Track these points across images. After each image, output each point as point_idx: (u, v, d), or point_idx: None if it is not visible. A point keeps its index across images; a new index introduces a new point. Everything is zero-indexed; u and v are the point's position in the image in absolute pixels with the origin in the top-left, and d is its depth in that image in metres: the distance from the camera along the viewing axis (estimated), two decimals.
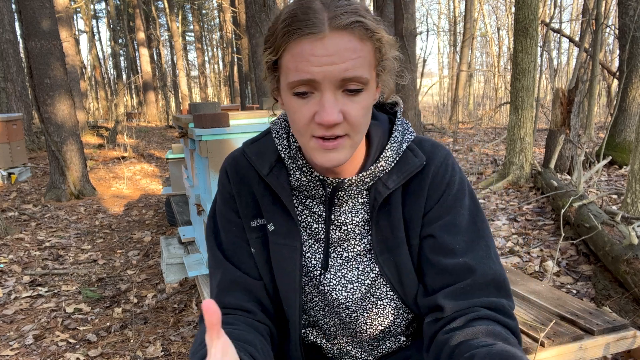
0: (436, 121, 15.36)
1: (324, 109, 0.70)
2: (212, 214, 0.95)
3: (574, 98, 5.05)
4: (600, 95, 13.23)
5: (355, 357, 0.96)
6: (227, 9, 15.48)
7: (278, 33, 0.71)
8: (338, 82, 0.70)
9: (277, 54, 0.72)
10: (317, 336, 0.98)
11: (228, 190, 0.91)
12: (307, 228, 0.89)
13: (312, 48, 0.68)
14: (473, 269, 0.80)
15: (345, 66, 0.69)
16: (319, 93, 0.71)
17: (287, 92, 0.74)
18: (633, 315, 2.19)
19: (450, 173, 0.85)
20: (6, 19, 8.71)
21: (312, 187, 0.86)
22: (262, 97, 5.91)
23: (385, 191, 0.83)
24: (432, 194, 0.84)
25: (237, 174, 0.90)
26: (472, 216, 0.84)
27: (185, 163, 3.36)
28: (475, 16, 17.89)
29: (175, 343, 2.34)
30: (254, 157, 0.88)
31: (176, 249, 3.15)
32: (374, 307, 0.89)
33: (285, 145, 0.87)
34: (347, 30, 0.69)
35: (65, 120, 5.65)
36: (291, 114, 0.75)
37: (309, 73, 0.69)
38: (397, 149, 0.84)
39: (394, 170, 0.84)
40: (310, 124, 0.73)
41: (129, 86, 25.16)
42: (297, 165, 0.85)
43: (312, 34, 0.68)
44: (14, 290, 3.08)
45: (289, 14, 0.71)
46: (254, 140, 0.92)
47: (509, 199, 4.61)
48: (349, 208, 0.87)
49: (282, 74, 0.74)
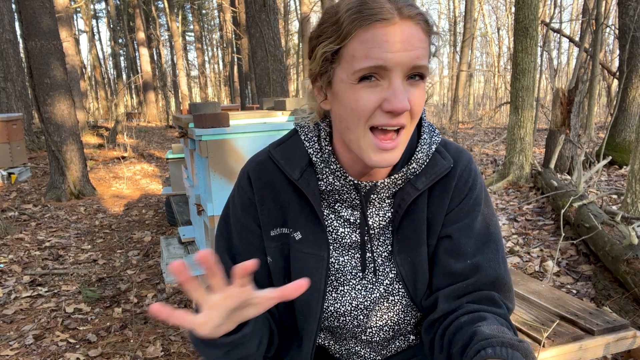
0: (436, 121, 15.35)
1: (396, 95, 0.70)
2: (225, 217, 0.93)
3: (574, 98, 5.05)
4: (600, 95, 13.23)
5: (364, 357, 0.96)
6: (227, 9, 15.48)
7: (344, 21, 0.70)
8: (408, 69, 0.70)
9: (343, 41, 0.71)
10: (325, 338, 0.97)
11: (249, 197, 0.88)
12: (333, 233, 0.88)
13: (384, 33, 0.68)
14: (478, 269, 0.82)
15: (416, 53, 0.70)
16: (386, 81, 0.71)
17: (347, 82, 0.73)
18: (633, 315, 2.19)
19: (473, 177, 0.86)
20: (6, 19, 8.71)
21: (345, 191, 0.84)
22: (262, 97, 5.91)
23: (415, 192, 0.83)
24: (455, 197, 0.85)
25: (260, 180, 0.88)
26: (487, 221, 0.86)
27: (185, 163, 3.36)
28: (475, 16, 17.88)
29: (175, 343, 2.34)
30: (282, 161, 0.86)
31: (176, 249, 3.15)
32: (385, 306, 0.89)
33: (317, 149, 0.85)
34: (413, 21, 0.70)
35: (65, 120, 5.65)
36: (351, 103, 0.73)
37: (381, 59, 0.69)
38: (427, 150, 0.84)
39: (423, 172, 0.84)
40: (374, 112, 0.72)
41: (129, 86, 25.16)
42: (330, 169, 0.83)
43: (385, 19, 0.68)
44: (14, 290, 3.08)
45: (355, 3, 0.70)
46: (280, 143, 0.89)
47: (509, 199, 4.61)
48: (376, 210, 0.86)
49: (343, 64, 0.73)
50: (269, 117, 2.74)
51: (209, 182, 2.33)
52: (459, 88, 16.20)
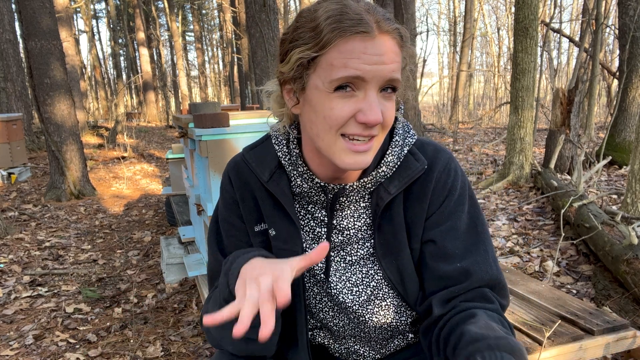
0: (436, 121, 15.35)
1: (372, 107, 0.71)
2: (214, 217, 0.96)
3: (574, 98, 5.05)
4: (600, 95, 13.23)
5: (363, 356, 0.96)
6: (227, 9, 15.48)
7: (323, 29, 0.70)
8: (383, 82, 0.72)
9: (322, 50, 0.71)
10: (325, 337, 0.98)
11: (231, 195, 0.91)
12: (310, 232, 0.89)
13: (364, 46, 0.69)
14: (470, 273, 0.82)
15: (392, 67, 0.71)
16: (362, 92, 0.72)
17: (322, 90, 0.73)
18: (633, 315, 2.19)
19: (453, 178, 0.85)
20: (6, 19, 8.71)
21: (314, 193, 0.86)
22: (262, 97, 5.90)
23: (387, 196, 0.84)
24: (434, 200, 0.84)
25: (239, 179, 0.91)
26: (473, 220, 0.85)
27: (185, 163, 3.36)
28: (475, 16, 17.88)
29: (175, 343, 2.34)
30: (254, 164, 0.88)
31: (176, 249, 3.15)
32: (379, 307, 0.90)
33: (285, 152, 0.86)
34: (390, 35, 0.72)
35: (65, 120, 5.65)
36: (324, 111, 0.73)
37: (358, 70, 0.69)
38: (398, 153, 0.84)
39: (396, 175, 0.84)
40: (347, 121, 0.73)
41: (129, 86, 25.15)
42: (297, 172, 0.85)
43: (365, 32, 0.69)
44: (14, 290, 3.08)
45: (335, 12, 0.70)
46: (254, 146, 0.92)
47: (509, 199, 4.61)
48: (351, 212, 0.87)
49: (319, 71, 0.73)
50: (269, 117, 2.73)
51: (209, 182, 2.33)
52: (459, 88, 16.20)
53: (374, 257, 0.88)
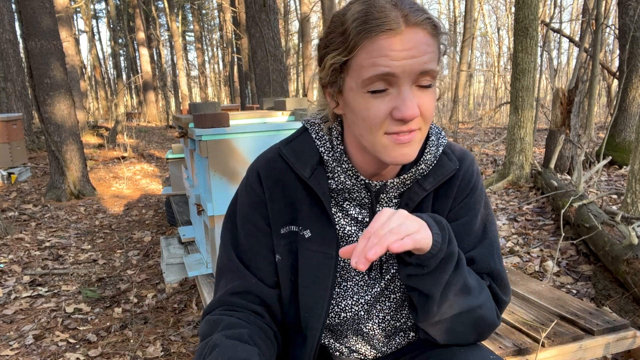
0: (436, 121, 15.35)
1: (405, 103, 0.71)
2: (231, 215, 0.93)
3: (574, 98, 5.05)
4: (600, 95, 13.23)
5: (364, 354, 0.97)
6: (227, 9, 15.48)
7: (351, 32, 0.71)
8: (416, 75, 0.71)
9: (350, 53, 0.72)
10: (325, 336, 0.98)
11: (258, 194, 0.88)
12: (340, 231, 0.89)
13: (390, 43, 0.69)
14: (473, 261, 0.85)
15: (423, 59, 0.71)
16: (395, 89, 0.72)
17: (358, 91, 0.74)
18: (633, 315, 2.19)
19: (476, 178, 0.89)
20: (6, 19, 8.71)
21: (356, 190, 0.86)
22: (262, 97, 5.91)
23: (423, 193, 0.85)
24: (458, 196, 0.88)
25: (270, 177, 0.88)
26: (484, 220, 0.89)
27: (185, 163, 3.36)
28: (475, 16, 17.88)
29: (175, 343, 2.34)
30: (293, 159, 0.86)
31: (176, 249, 3.15)
32: (387, 300, 0.91)
33: (328, 148, 0.85)
34: (420, 27, 0.71)
35: (65, 120, 5.65)
36: (362, 112, 0.74)
37: (388, 67, 0.69)
38: (434, 152, 0.86)
39: (431, 173, 0.86)
40: (385, 120, 0.73)
41: (129, 86, 25.15)
42: (342, 168, 0.84)
43: (390, 30, 0.69)
44: (14, 290, 3.08)
45: (361, 13, 0.71)
46: (290, 140, 0.90)
47: (509, 199, 4.61)
48: None
49: (351, 74, 0.74)
50: (269, 117, 2.74)
51: (209, 182, 2.33)
52: (459, 88, 16.20)
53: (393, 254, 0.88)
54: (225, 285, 0.89)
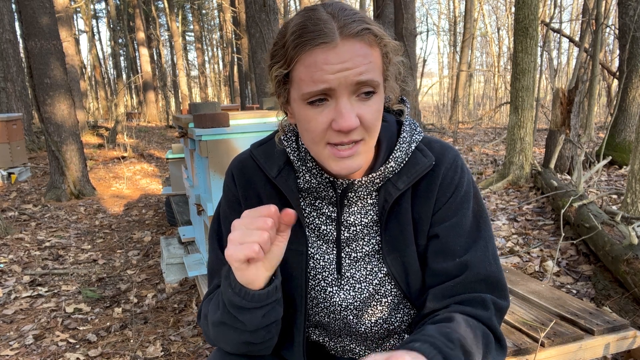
0: (436, 121, 15.35)
1: (342, 115, 0.71)
2: (216, 215, 0.96)
3: (574, 98, 5.05)
4: (600, 95, 13.24)
5: (359, 354, 0.97)
6: (227, 8, 15.48)
7: (288, 46, 0.72)
8: (353, 86, 0.71)
9: (289, 66, 0.73)
10: (320, 335, 0.98)
11: (234, 193, 0.91)
12: (315, 230, 0.89)
13: (325, 57, 0.69)
14: (467, 266, 0.82)
15: (359, 70, 0.70)
16: (334, 100, 0.72)
17: (300, 103, 0.75)
18: (633, 315, 2.19)
19: (460, 175, 0.86)
20: (6, 19, 8.71)
21: (322, 188, 0.86)
22: (262, 97, 5.90)
23: (396, 192, 0.84)
24: (441, 196, 0.85)
25: (243, 177, 0.91)
26: (476, 218, 0.86)
27: (185, 163, 3.36)
28: (475, 16, 17.89)
29: (175, 343, 2.34)
30: (262, 160, 0.89)
31: (176, 249, 3.15)
32: (379, 304, 0.90)
33: (294, 148, 0.87)
34: (357, 38, 0.71)
35: (65, 120, 5.65)
36: (304, 124, 0.75)
37: (324, 82, 0.70)
38: (405, 149, 0.84)
39: (404, 171, 0.84)
40: (327, 131, 0.74)
41: (129, 86, 25.15)
42: (306, 167, 0.85)
43: (324, 43, 0.69)
44: (14, 290, 3.08)
45: (297, 26, 0.71)
46: (262, 143, 0.92)
47: (509, 199, 4.61)
48: (358, 209, 0.87)
49: (294, 86, 0.75)
50: (269, 117, 2.74)
51: (209, 182, 2.33)
52: (459, 88, 16.20)
53: (379, 254, 0.88)
54: (216, 284, 0.90)
